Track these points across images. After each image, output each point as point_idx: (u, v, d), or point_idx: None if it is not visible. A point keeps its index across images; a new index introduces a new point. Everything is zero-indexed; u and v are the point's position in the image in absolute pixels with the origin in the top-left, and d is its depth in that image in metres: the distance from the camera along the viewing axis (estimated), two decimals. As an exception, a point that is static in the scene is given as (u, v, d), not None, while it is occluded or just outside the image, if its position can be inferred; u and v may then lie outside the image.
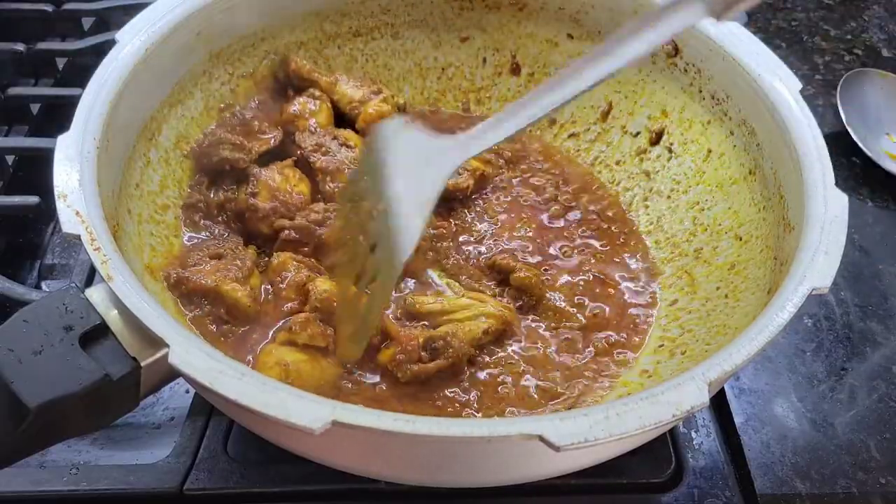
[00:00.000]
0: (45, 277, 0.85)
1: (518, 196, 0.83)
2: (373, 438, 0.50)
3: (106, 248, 0.55)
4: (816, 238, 0.59)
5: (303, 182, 0.77)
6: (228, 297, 0.66)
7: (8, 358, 0.49)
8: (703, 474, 0.69)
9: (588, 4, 0.86)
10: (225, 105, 0.82)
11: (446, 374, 0.66)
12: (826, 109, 1.04)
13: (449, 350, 0.65)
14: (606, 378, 0.69)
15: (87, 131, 0.63)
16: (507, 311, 0.70)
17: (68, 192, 0.58)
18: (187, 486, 0.66)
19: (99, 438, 0.71)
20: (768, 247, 0.69)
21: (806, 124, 0.68)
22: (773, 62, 0.73)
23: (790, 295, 0.55)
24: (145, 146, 0.74)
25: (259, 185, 0.74)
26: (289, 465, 0.67)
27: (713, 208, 0.78)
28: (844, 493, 0.68)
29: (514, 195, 0.83)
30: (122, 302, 0.52)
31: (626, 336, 0.72)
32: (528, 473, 0.59)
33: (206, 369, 0.49)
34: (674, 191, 0.82)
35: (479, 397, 0.66)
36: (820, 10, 1.23)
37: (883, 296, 0.83)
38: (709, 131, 0.80)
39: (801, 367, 0.77)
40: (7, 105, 0.99)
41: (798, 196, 0.64)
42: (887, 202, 0.94)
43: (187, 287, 0.66)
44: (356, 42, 0.91)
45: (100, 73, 0.68)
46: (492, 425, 0.47)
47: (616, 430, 0.47)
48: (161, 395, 0.73)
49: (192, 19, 0.76)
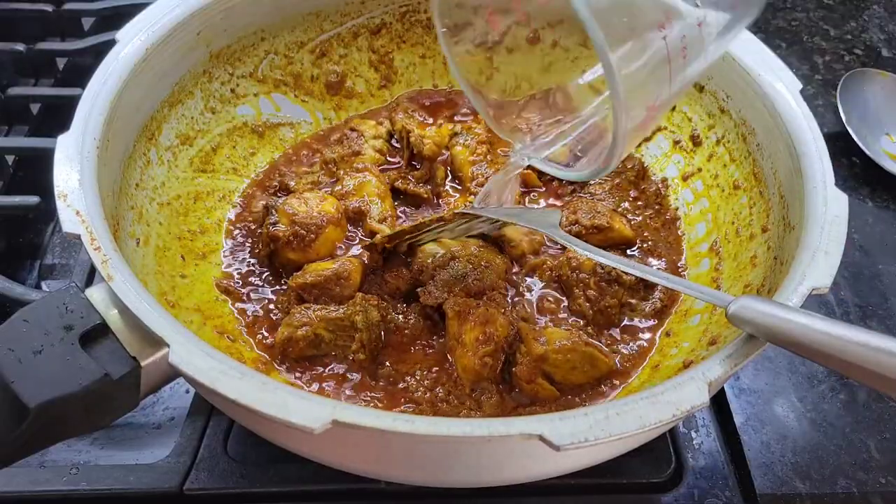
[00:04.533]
0: (45, 277, 0.85)
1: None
2: (373, 438, 0.50)
3: (106, 248, 0.55)
4: (816, 238, 0.59)
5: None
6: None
7: (8, 358, 0.49)
8: (703, 474, 0.69)
9: None
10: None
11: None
12: (826, 109, 1.04)
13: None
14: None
15: (87, 131, 0.63)
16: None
17: (68, 191, 0.58)
18: (187, 486, 0.66)
19: (99, 438, 0.71)
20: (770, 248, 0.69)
21: (806, 124, 0.68)
22: (773, 62, 0.74)
23: (790, 295, 0.55)
24: (145, 146, 0.74)
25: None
26: (289, 465, 0.67)
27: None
28: (844, 493, 0.68)
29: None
30: (122, 301, 0.52)
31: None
32: (527, 473, 0.59)
33: (206, 369, 0.49)
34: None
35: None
36: (820, 10, 1.23)
37: (883, 296, 0.83)
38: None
39: (801, 367, 0.77)
40: (7, 105, 0.99)
41: (798, 196, 0.64)
42: (887, 202, 0.94)
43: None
44: (357, 41, 0.91)
45: (100, 73, 0.68)
46: (492, 425, 0.47)
47: (616, 430, 0.47)
48: (161, 395, 0.73)
49: (192, 19, 0.76)
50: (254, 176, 0.85)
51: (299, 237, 0.74)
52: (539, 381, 0.65)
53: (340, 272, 0.71)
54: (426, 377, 0.68)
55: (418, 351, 0.70)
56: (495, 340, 0.66)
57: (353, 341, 0.68)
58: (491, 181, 0.75)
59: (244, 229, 0.80)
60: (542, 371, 0.65)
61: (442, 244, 0.75)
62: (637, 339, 0.72)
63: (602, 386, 0.68)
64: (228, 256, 0.77)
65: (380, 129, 0.88)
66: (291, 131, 0.89)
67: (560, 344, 0.66)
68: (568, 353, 0.65)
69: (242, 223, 0.80)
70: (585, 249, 0.65)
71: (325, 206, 0.76)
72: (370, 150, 0.85)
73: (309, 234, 0.74)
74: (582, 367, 0.66)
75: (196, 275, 0.73)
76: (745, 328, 0.53)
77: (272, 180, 0.85)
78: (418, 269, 0.73)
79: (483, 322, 0.67)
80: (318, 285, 0.71)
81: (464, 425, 0.47)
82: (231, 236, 0.79)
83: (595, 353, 0.67)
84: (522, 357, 0.66)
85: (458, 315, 0.68)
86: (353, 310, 0.68)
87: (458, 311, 0.68)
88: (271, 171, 0.86)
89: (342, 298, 0.71)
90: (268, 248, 0.75)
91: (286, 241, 0.74)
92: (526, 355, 0.66)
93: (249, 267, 0.76)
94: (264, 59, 0.87)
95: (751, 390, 0.75)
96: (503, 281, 0.74)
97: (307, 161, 0.87)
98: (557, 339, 0.66)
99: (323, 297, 0.71)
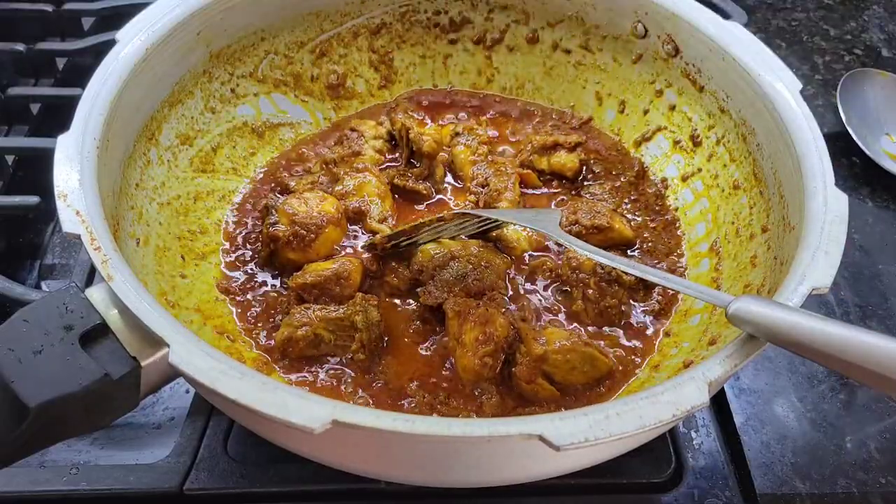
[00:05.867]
0: (45, 277, 0.85)
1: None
2: (373, 438, 0.50)
3: (106, 248, 0.55)
4: (816, 238, 0.59)
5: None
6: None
7: (8, 358, 0.49)
8: (703, 474, 0.69)
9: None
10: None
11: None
12: (826, 109, 1.04)
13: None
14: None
15: (87, 131, 0.63)
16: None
17: (68, 191, 0.58)
18: (187, 486, 0.66)
19: (99, 438, 0.71)
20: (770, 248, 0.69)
21: (806, 124, 0.68)
22: (773, 62, 0.73)
23: (790, 295, 0.55)
24: (145, 146, 0.74)
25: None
26: (289, 465, 0.67)
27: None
28: (844, 493, 0.68)
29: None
30: (122, 301, 0.52)
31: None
32: (527, 473, 0.59)
33: (206, 369, 0.49)
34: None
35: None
36: (820, 10, 1.23)
37: (883, 296, 0.83)
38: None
39: (801, 367, 0.77)
40: (7, 105, 0.99)
41: (798, 196, 0.64)
42: (887, 202, 0.94)
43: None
44: (357, 41, 0.91)
45: (100, 73, 0.68)
46: (492, 425, 0.47)
47: (616, 430, 0.47)
48: (161, 395, 0.73)
49: (192, 19, 0.76)
50: (254, 176, 0.85)
51: (299, 237, 0.74)
52: (539, 382, 0.65)
53: (340, 272, 0.71)
54: (426, 377, 0.68)
55: (418, 351, 0.70)
56: (495, 340, 0.66)
57: (353, 341, 0.68)
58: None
59: (244, 229, 0.80)
60: (542, 371, 0.65)
61: (442, 244, 0.75)
62: (637, 340, 0.72)
63: (602, 386, 0.68)
64: (228, 256, 0.77)
65: (380, 130, 0.88)
66: (291, 131, 0.89)
67: (560, 344, 0.66)
68: (567, 354, 0.65)
69: (242, 223, 0.80)
70: (585, 249, 0.65)
71: (325, 206, 0.76)
72: (370, 151, 0.85)
73: (309, 234, 0.74)
74: (582, 368, 0.66)
75: (196, 275, 0.73)
76: (745, 328, 0.53)
77: (272, 180, 0.85)
78: (418, 269, 0.73)
79: (483, 322, 0.67)
80: (318, 285, 0.71)
81: (464, 425, 0.47)
82: (231, 236, 0.79)
83: (595, 353, 0.67)
84: (522, 357, 0.66)
85: (458, 315, 0.68)
86: (353, 310, 0.68)
87: (458, 311, 0.68)
88: (271, 171, 0.86)
89: (342, 298, 0.71)
90: (268, 248, 0.75)
91: (286, 241, 0.74)
92: (526, 355, 0.66)
93: (249, 267, 0.76)
94: (264, 59, 0.87)
95: (751, 390, 0.75)
96: (503, 281, 0.74)
97: (307, 161, 0.87)
98: (557, 340, 0.66)
99: (323, 297, 0.71)
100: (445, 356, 0.69)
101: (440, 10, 0.93)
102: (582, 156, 0.86)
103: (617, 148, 0.89)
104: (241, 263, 0.76)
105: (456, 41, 0.94)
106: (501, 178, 0.82)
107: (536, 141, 0.86)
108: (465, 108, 0.94)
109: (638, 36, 0.86)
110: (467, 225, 0.73)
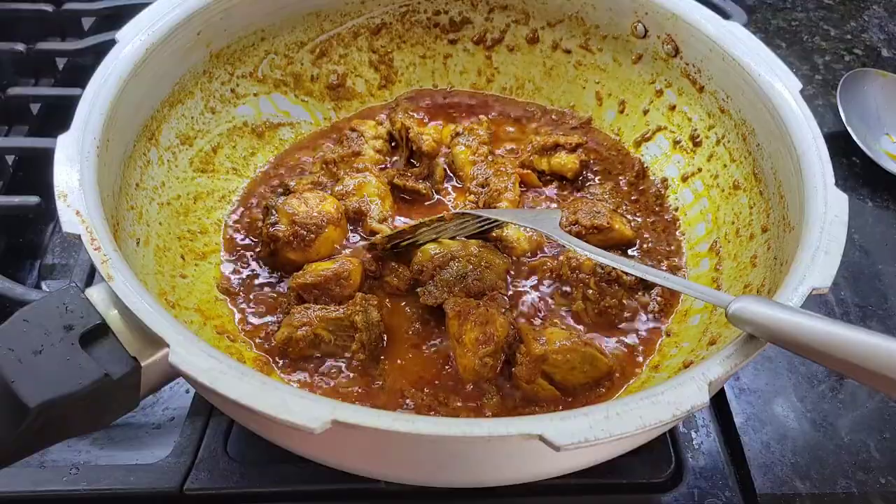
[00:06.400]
0: (45, 277, 0.85)
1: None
2: (373, 438, 0.50)
3: (106, 248, 0.55)
4: (816, 238, 0.59)
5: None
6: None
7: (8, 357, 0.49)
8: (703, 474, 0.69)
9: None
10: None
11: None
12: (826, 109, 1.04)
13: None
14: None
15: (87, 131, 0.63)
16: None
17: (68, 191, 0.58)
18: (187, 486, 0.66)
19: (99, 438, 0.71)
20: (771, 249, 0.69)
21: (806, 124, 0.68)
22: (773, 62, 0.73)
23: (790, 295, 0.55)
24: (145, 146, 0.74)
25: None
26: (289, 465, 0.67)
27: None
28: (844, 493, 0.68)
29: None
30: (122, 301, 0.52)
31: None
32: (528, 473, 0.59)
33: (206, 369, 0.49)
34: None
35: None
36: (820, 10, 1.23)
37: (883, 296, 0.83)
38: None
39: (801, 367, 0.77)
40: (7, 105, 0.99)
41: (798, 196, 0.64)
42: (887, 202, 0.94)
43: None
44: (357, 41, 0.91)
45: (100, 73, 0.68)
46: (492, 425, 0.47)
47: (616, 430, 0.47)
48: (161, 395, 0.73)
49: (192, 19, 0.76)
50: (254, 176, 0.85)
51: (299, 237, 0.74)
52: (539, 382, 0.65)
53: (340, 272, 0.71)
54: (426, 377, 0.68)
55: (418, 351, 0.70)
56: (495, 340, 0.66)
57: (353, 341, 0.68)
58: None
59: (244, 229, 0.80)
60: (542, 371, 0.65)
61: (442, 244, 0.75)
62: (637, 340, 0.72)
63: (602, 386, 0.68)
64: (228, 256, 0.77)
65: (380, 130, 0.88)
66: (291, 131, 0.89)
67: (560, 344, 0.66)
68: (567, 354, 0.65)
69: (242, 223, 0.80)
70: (585, 249, 0.65)
71: (325, 206, 0.76)
72: (370, 151, 0.85)
73: (309, 234, 0.74)
74: (581, 368, 0.66)
75: (196, 275, 0.73)
76: (745, 328, 0.53)
77: (272, 180, 0.85)
78: (418, 269, 0.73)
79: (483, 322, 0.67)
80: (318, 285, 0.71)
81: (464, 425, 0.47)
82: (231, 236, 0.79)
83: (594, 353, 0.67)
84: (522, 357, 0.66)
85: (458, 315, 0.68)
86: (353, 310, 0.68)
87: (458, 311, 0.68)
88: (271, 170, 0.86)
89: (342, 298, 0.71)
90: (268, 248, 0.75)
91: (286, 241, 0.74)
92: (526, 355, 0.66)
93: (249, 267, 0.76)
94: (264, 59, 0.87)
95: (751, 390, 0.75)
96: (503, 281, 0.74)
97: (307, 161, 0.87)
98: (557, 340, 0.66)
99: (323, 297, 0.71)
100: (445, 356, 0.69)
101: (440, 10, 0.93)
102: (582, 157, 0.86)
103: (617, 148, 0.89)
104: (241, 264, 0.76)
105: (456, 41, 0.94)
106: (501, 178, 0.82)
107: (537, 141, 0.86)
108: (465, 108, 0.94)
109: (638, 36, 0.86)
110: (467, 225, 0.73)
